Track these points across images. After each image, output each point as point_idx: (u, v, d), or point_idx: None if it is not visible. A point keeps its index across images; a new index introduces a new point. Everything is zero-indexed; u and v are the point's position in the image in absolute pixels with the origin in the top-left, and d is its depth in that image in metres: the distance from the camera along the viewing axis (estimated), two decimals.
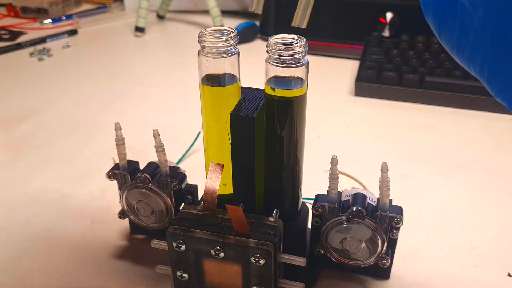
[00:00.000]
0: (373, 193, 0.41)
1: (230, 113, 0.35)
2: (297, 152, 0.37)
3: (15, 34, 1.04)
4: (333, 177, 0.38)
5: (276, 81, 0.34)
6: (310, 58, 0.34)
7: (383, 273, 0.42)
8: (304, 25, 0.31)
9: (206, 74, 0.35)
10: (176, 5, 1.17)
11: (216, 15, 1.02)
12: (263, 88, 0.35)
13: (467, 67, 0.25)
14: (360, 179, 0.56)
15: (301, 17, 0.31)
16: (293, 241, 0.39)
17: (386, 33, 0.87)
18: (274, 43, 0.33)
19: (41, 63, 0.90)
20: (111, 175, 0.43)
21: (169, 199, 0.42)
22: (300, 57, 0.33)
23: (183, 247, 0.35)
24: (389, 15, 0.87)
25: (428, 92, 0.73)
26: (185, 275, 0.37)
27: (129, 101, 0.77)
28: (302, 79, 0.34)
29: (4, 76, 0.86)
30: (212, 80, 0.35)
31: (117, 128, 0.41)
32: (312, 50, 0.32)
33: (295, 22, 0.31)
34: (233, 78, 0.36)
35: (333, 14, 0.93)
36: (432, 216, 0.50)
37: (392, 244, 0.39)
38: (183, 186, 0.42)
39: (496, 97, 0.23)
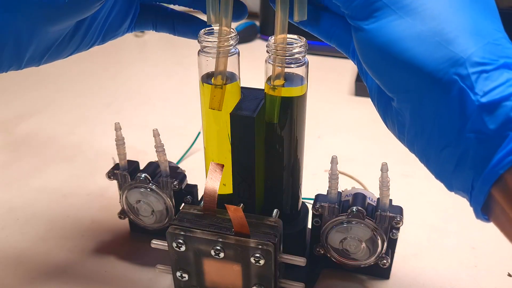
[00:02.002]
0: (373, 193, 0.41)
1: (230, 113, 0.35)
2: (297, 152, 0.37)
3: None
4: (333, 177, 0.38)
5: None
6: (310, 58, 0.34)
7: (383, 273, 0.42)
8: (305, 17, 0.31)
9: (206, 73, 0.35)
10: None
11: None
12: (263, 88, 0.35)
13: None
14: (360, 179, 0.56)
15: (300, 10, 0.31)
16: (293, 241, 0.39)
17: None
18: (274, 43, 0.33)
19: None
20: (111, 175, 0.43)
21: (169, 199, 0.42)
22: (300, 57, 0.33)
23: (183, 247, 0.35)
24: None
25: None
26: (185, 275, 0.37)
27: (129, 101, 0.77)
28: (302, 77, 0.34)
29: (4, 76, 0.86)
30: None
31: (117, 128, 0.41)
32: (312, 50, 0.32)
33: (296, 17, 0.31)
34: (233, 78, 0.36)
35: None
36: (432, 216, 0.50)
37: (392, 244, 0.39)
38: (183, 186, 0.42)
39: (436, 179, 0.27)
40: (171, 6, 0.39)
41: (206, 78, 0.36)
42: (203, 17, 0.36)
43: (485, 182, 0.23)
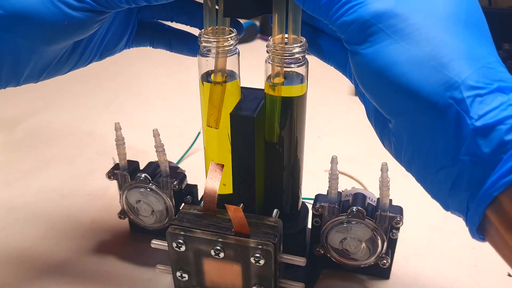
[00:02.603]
0: (373, 193, 0.41)
1: (230, 113, 0.35)
2: (297, 152, 0.37)
3: None
4: (333, 177, 0.38)
5: None
6: (310, 58, 0.34)
7: (383, 273, 0.42)
8: (299, 34, 0.32)
9: (206, 72, 0.35)
10: None
11: None
12: (263, 88, 0.35)
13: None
14: (360, 179, 0.56)
15: (294, 30, 0.32)
16: (293, 241, 0.39)
17: None
18: (274, 43, 0.33)
19: None
20: (111, 175, 0.43)
21: (169, 199, 0.42)
22: (300, 57, 0.33)
23: (183, 247, 0.35)
24: None
25: None
26: (185, 275, 0.37)
27: (129, 101, 0.77)
28: (302, 76, 0.34)
29: None
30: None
31: (117, 128, 0.41)
32: None
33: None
34: (232, 76, 0.36)
35: None
36: (432, 216, 0.50)
37: (392, 244, 0.39)
38: (183, 186, 0.42)
39: (432, 199, 0.27)
40: (168, 23, 0.39)
41: (206, 77, 0.36)
42: None
43: (479, 203, 0.23)
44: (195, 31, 0.38)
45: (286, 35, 0.33)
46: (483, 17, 0.26)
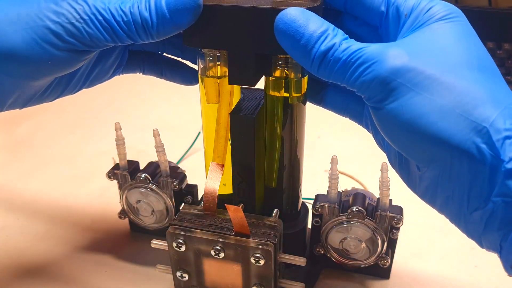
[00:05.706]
0: (373, 193, 0.41)
1: (230, 113, 0.35)
2: (297, 152, 0.37)
3: None
4: (333, 177, 0.38)
5: None
6: None
7: (383, 273, 0.42)
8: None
9: (205, 66, 0.35)
10: None
11: None
12: (263, 88, 0.35)
13: None
14: (360, 179, 0.55)
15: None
16: (293, 241, 0.39)
17: None
18: None
19: None
20: (111, 175, 0.43)
21: (169, 199, 0.42)
22: None
23: (183, 247, 0.35)
24: None
25: None
26: (185, 275, 0.37)
27: (129, 101, 0.77)
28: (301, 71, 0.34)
29: None
30: None
31: (117, 128, 0.41)
32: None
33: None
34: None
35: None
36: (432, 216, 0.50)
37: (392, 244, 0.39)
38: (183, 186, 0.42)
39: (468, 237, 0.28)
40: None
41: (205, 71, 0.35)
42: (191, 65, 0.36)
43: None
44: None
45: None
46: (491, 58, 0.26)
